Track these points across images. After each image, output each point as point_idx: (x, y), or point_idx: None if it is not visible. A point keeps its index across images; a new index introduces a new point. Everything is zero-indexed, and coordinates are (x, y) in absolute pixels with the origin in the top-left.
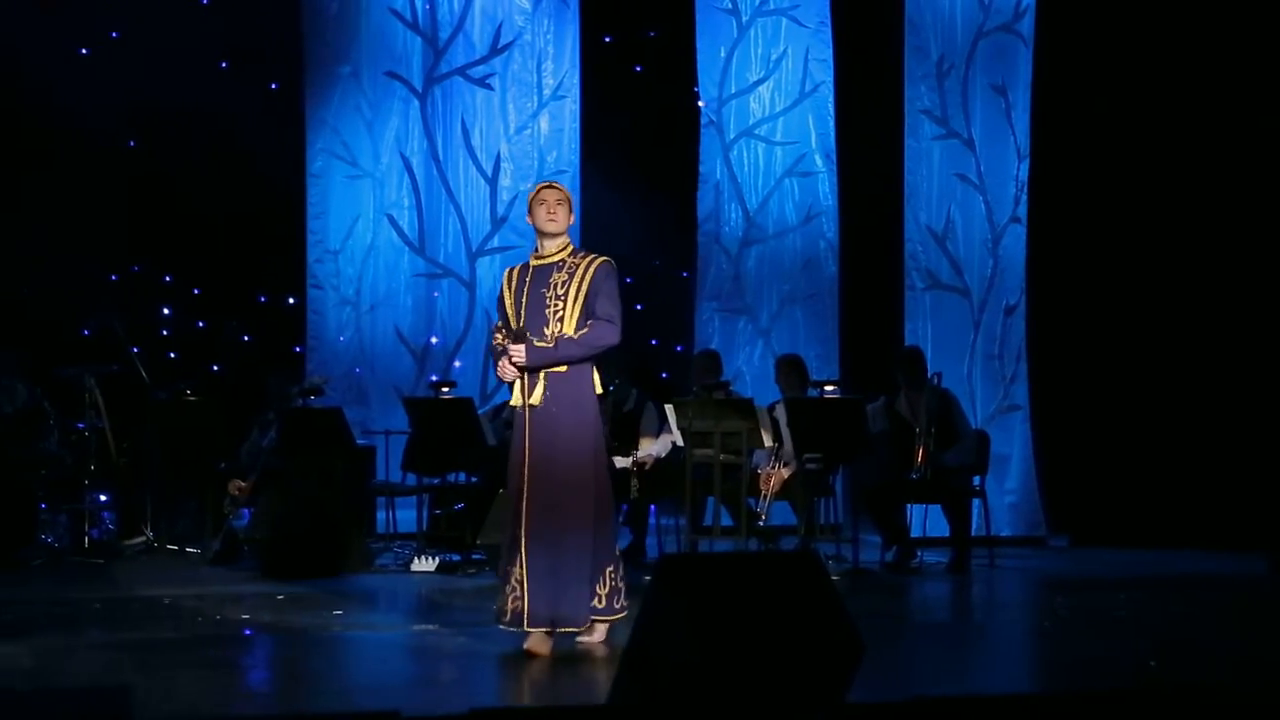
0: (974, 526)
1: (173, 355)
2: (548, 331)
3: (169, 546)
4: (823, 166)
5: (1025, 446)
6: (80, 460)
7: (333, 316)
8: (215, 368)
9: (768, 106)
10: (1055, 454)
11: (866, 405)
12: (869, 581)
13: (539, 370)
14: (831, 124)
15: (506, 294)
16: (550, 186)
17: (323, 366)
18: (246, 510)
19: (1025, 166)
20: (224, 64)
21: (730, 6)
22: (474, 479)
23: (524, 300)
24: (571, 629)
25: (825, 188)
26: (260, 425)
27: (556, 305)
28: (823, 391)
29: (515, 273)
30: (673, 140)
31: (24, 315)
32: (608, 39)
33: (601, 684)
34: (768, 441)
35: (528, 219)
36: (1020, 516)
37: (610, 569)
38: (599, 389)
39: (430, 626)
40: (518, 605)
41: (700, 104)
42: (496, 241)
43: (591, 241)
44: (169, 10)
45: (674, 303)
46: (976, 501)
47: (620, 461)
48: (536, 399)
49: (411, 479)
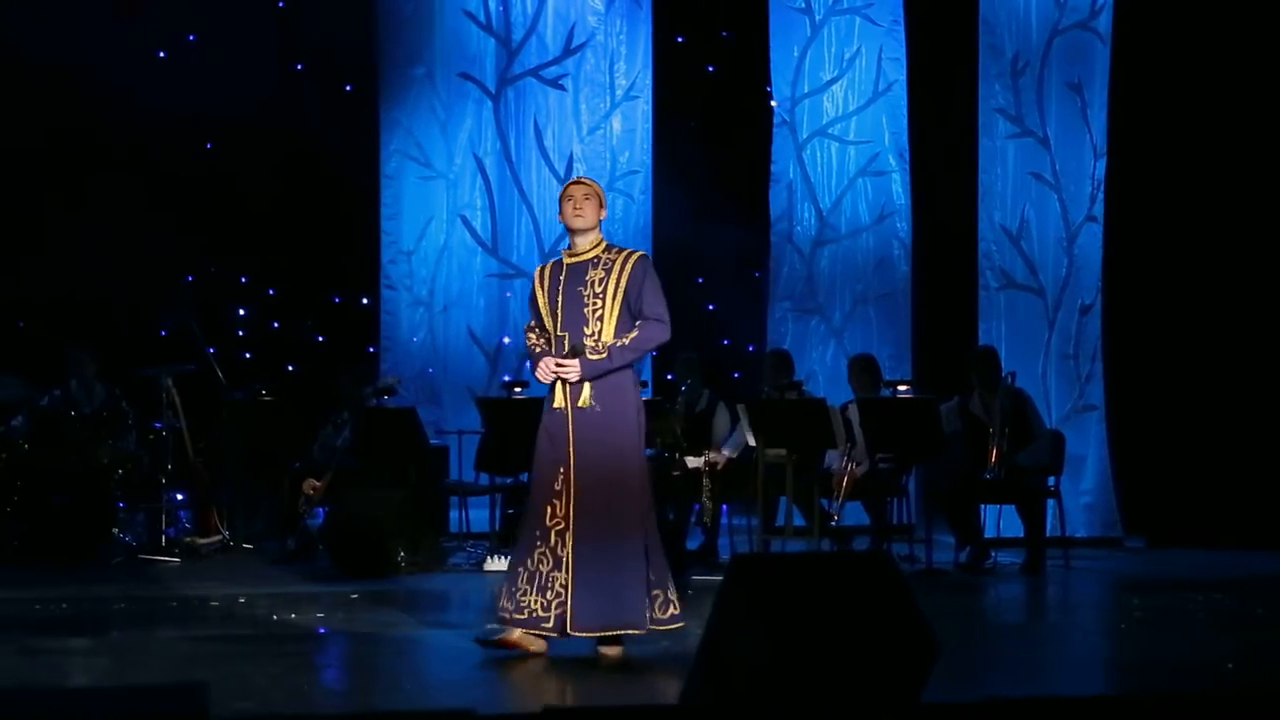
0: (1049, 527)
1: (248, 355)
2: (587, 330)
3: (244, 545)
4: (896, 166)
5: (1101, 447)
6: (157, 460)
7: (406, 317)
8: (290, 368)
9: (841, 106)
10: (1131, 454)
11: (940, 405)
12: (942, 582)
13: (596, 379)
14: (905, 123)
15: (539, 293)
16: (577, 182)
17: (396, 367)
18: (321, 509)
19: (1102, 165)
20: (299, 66)
21: (803, 6)
22: None
23: (559, 299)
24: (634, 631)
25: (898, 187)
26: (334, 425)
27: (595, 304)
28: (896, 391)
29: (547, 270)
30: (745, 140)
31: (102, 316)
32: (680, 39)
33: (675, 684)
34: (840, 442)
35: (559, 218)
36: (1096, 517)
37: (667, 578)
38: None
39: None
40: (561, 611)
41: (773, 104)
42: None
43: (664, 242)
44: (245, 14)
45: (746, 303)
46: (1051, 502)
47: (692, 462)
48: (584, 401)
49: (484, 479)
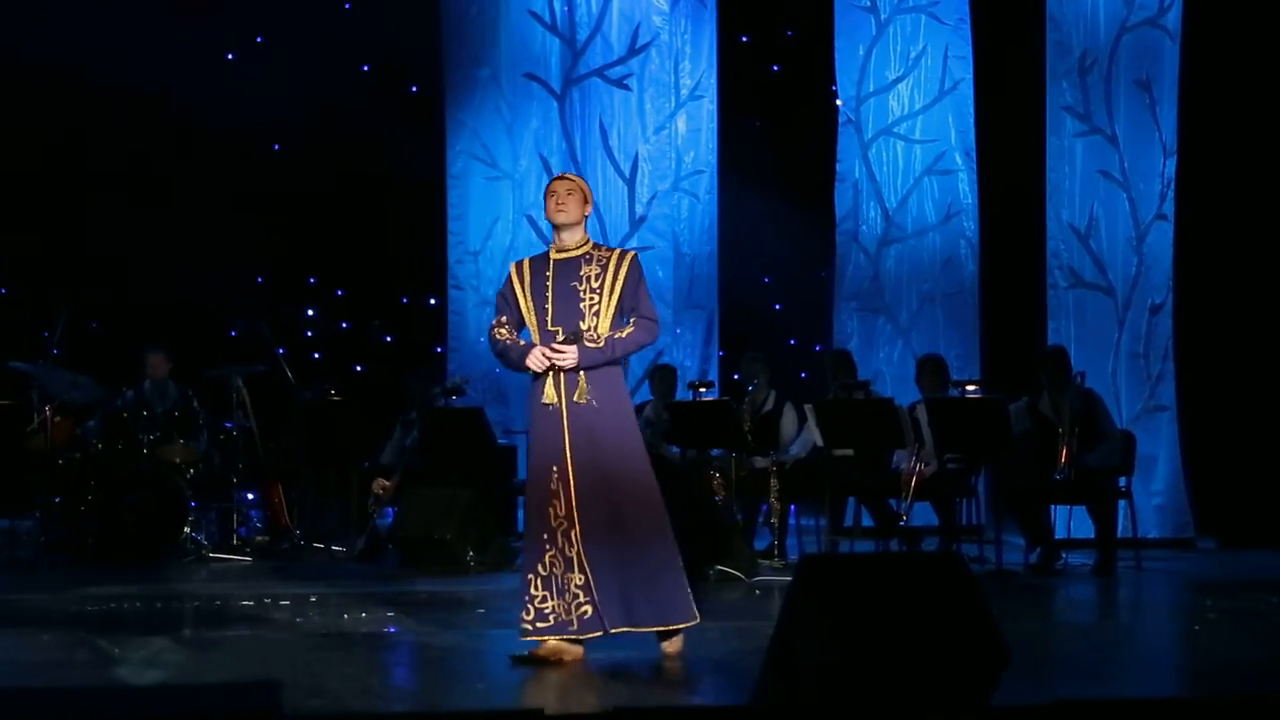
0: (1120, 528)
1: (317, 356)
2: (583, 325)
3: (314, 545)
4: (962, 164)
5: (1172, 447)
6: (228, 459)
7: (473, 317)
8: (358, 368)
9: (907, 104)
10: (1203, 454)
11: (1009, 405)
12: (1013, 584)
13: (587, 369)
14: (971, 121)
15: (518, 287)
16: (561, 178)
17: (463, 367)
18: (390, 509)
19: (1172, 163)
20: (366, 68)
21: (869, 4)
22: None
23: (550, 294)
24: (684, 624)
25: (965, 186)
26: (403, 425)
27: (591, 299)
28: (964, 391)
29: (527, 266)
30: (810, 139)
31: (173, 317)
32: (745, 39)
33: (744, 685)
34: (909, 442)
35: (545, 214)
36: (1167, 518)
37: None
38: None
39: None
40: (584, 611)
41: (838, 103)
42: (635, 242)
43: (729, 242)
44: (312, 15)
45: (812, 303)
46: (1122, 503)
47: (760, 462)
48: (580, 396)
49: None
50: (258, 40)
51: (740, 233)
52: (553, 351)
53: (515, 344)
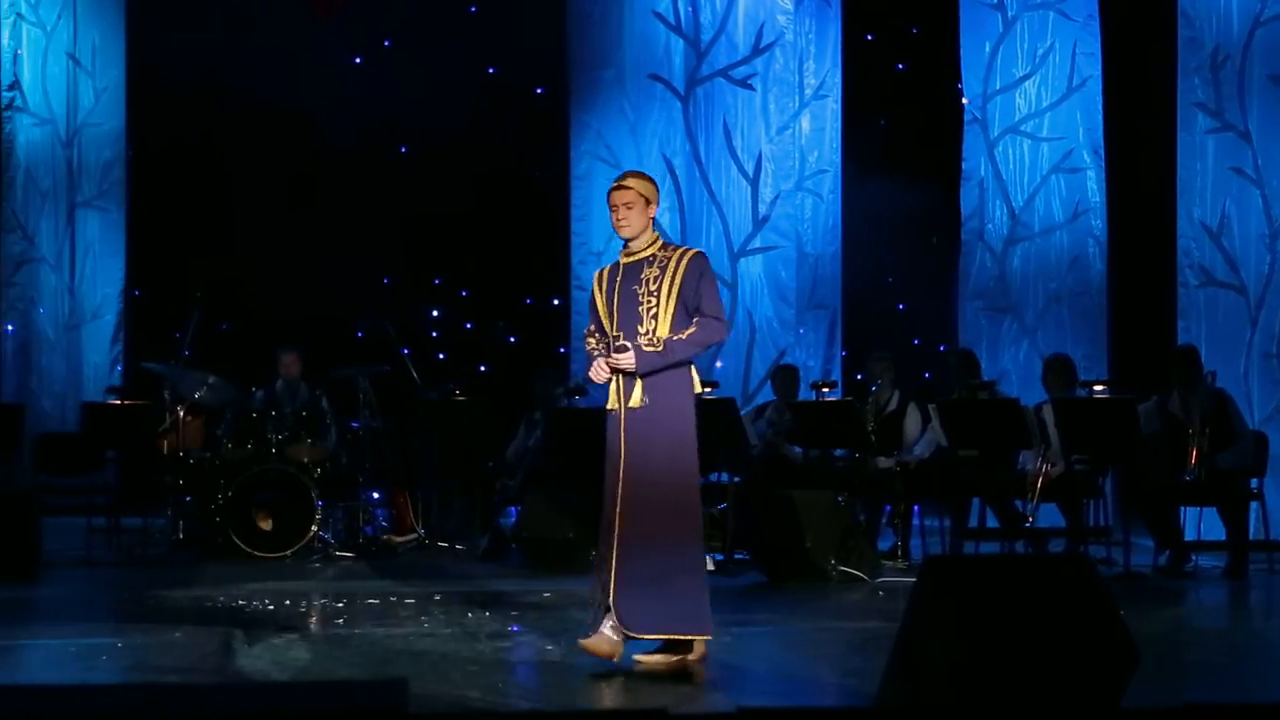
0: (1251, 530)
1: (441, 356)
2: (641, 329)
3: (439, 543)
4: (1090, 162)
5: None
6: (355, 459)
7: None
8: (482, 368)
9: (1034, 102)
10: None
11: (1138, 405)
12: (1141, 586)
13: (649, 374)
14: (1100, 119)
15: (598, 295)
16: (618, 187)
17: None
18: (514, 509)
19: None
20: (491, 70)
21: (996, 1)
22: (737, 479)
23: (615, 299)
24: (699, 635)
25: (1093, 184)
26: (527, 425)
27: (650, 302)
28: (1092, 391)
29: (605, 273)
30: (935, 138)
31: (301, 318)
32: (870, 37)
33: (868, 686)
34: (1035, 442)
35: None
36: None
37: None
38: (698, 388)
39: None
40: (601, 610)
41: (964, 101)
42: (758, 242)
43: (853, 241)
44: (438, 18)
45: (936, 302)
46: (1254, 504)
47: (883, 462)
48: (636, 401)
49: None
50: (385, 44)
51: (864, 232)
52: (609, 362)
53: (591, 356)
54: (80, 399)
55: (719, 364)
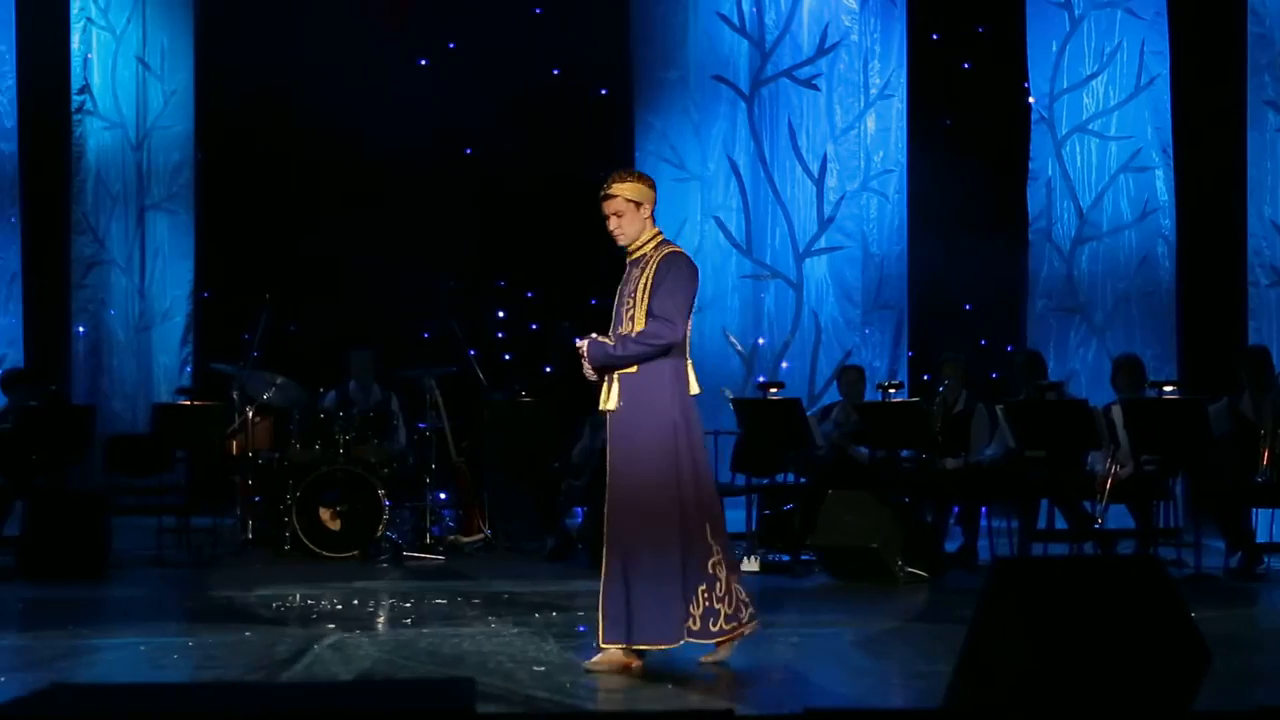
0: None
1: (507, 357)
2: (622, 330)
3: (506, 544)
4: (1159, 161)
5: None
6: (422, 459)
7: None
8: (548, 369)
9: (1101, 101)
10: None
11: (1208, 406)
12: (1212, 588)
13: (608, 371)
14: (1168, 117)
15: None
16: (605, 196)
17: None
18: (580, 509)
19: None
20: (555, 71)
21: (1063, 0)
22: (803, 479)
23: (616, 300)
24: (660, 645)
25: (1162, 183)
26: (592, 426)
27: (629, 303)
28: (1161, 392)
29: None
30: (1002, 137)
31: (369, 319)
32: (935, 36)
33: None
34: (1104, 443)
35: None
36: None
37: (703, 589)
38: (695, 389)
39: (762, 625)
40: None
41: (1030, 100)
42: (824, 242)
43: (919, 241)
44: (503, 20)
45: (1003, 302)
46: None
47: (951, 463)
48: (613, 403)
49: (740, 479)
50: (449, 46)
51: (930, 232)
52: (581, 355)
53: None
54: (150, 400)
55: (785, 364)
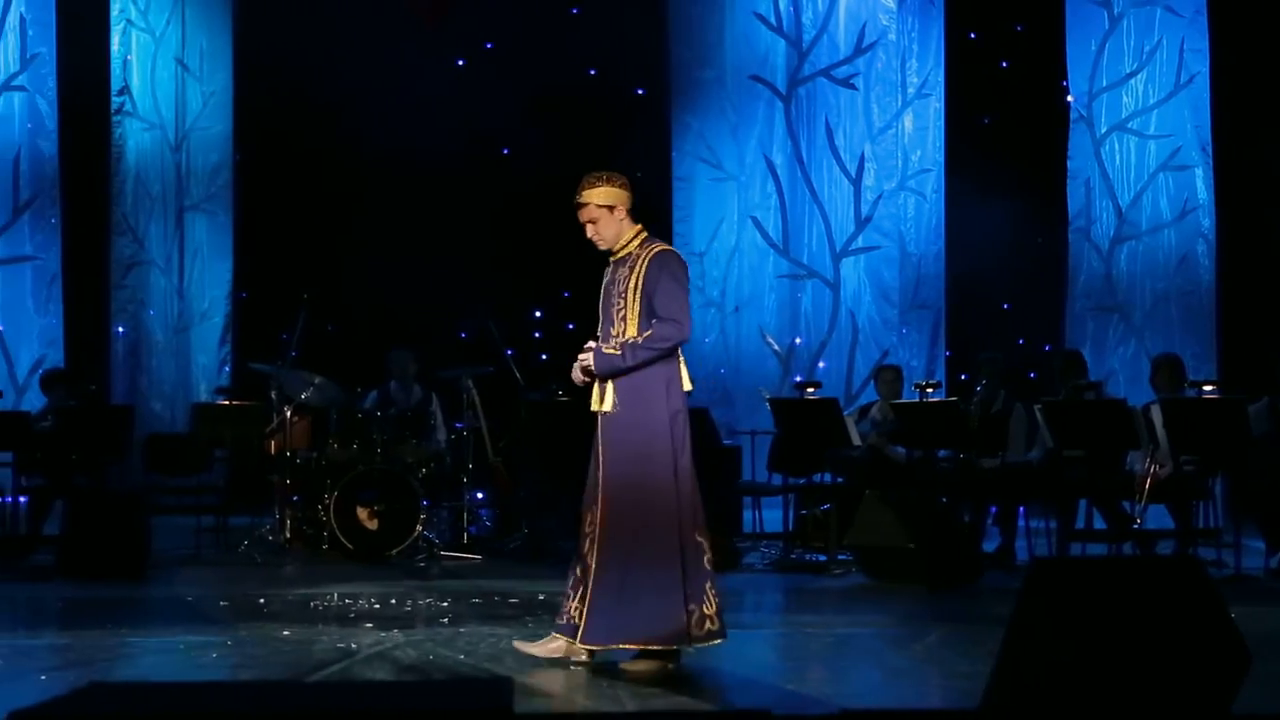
0: None
1: (544, 356)
2: (614, 331)
3: (543, 543)
4: (1199, 160)
5: None
6: (459, 459)
7: (698, 318)
8: None
9: (1140, 99)
10: None
11: (1248, 406)
12: (1252, 588)
13: (613, 379)
14: (1208, 115)
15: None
16: (578, 204)
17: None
18: None
19: None
20: (592, 71)
21: None
22: (840, 479)
23: (601, 301)
24: (666, 646)
25: (1201, 182)
26: None
27: (619, 304)
28: (1201, 392)
29: (606, 273)
30: (1040, 136)
31: (406, 319)
32: (973, 35)
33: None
34: (1143, 443)
35: None
36: None
37: (709, 585)
38: (688, 385)
39: (799, 626)
40: (573, 618)
41: (1069, 99)
42: (860, 242)
43: (957, 240)
44: (539, 20)
45: (1042, 302)
46: None
47: (988, 463)
48: (608, 405)
49: (777, 479)
50: (486, 46)
51: (968, 232)
52: (579, 360)
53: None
54: (189, 400)
55: (822, 364)
